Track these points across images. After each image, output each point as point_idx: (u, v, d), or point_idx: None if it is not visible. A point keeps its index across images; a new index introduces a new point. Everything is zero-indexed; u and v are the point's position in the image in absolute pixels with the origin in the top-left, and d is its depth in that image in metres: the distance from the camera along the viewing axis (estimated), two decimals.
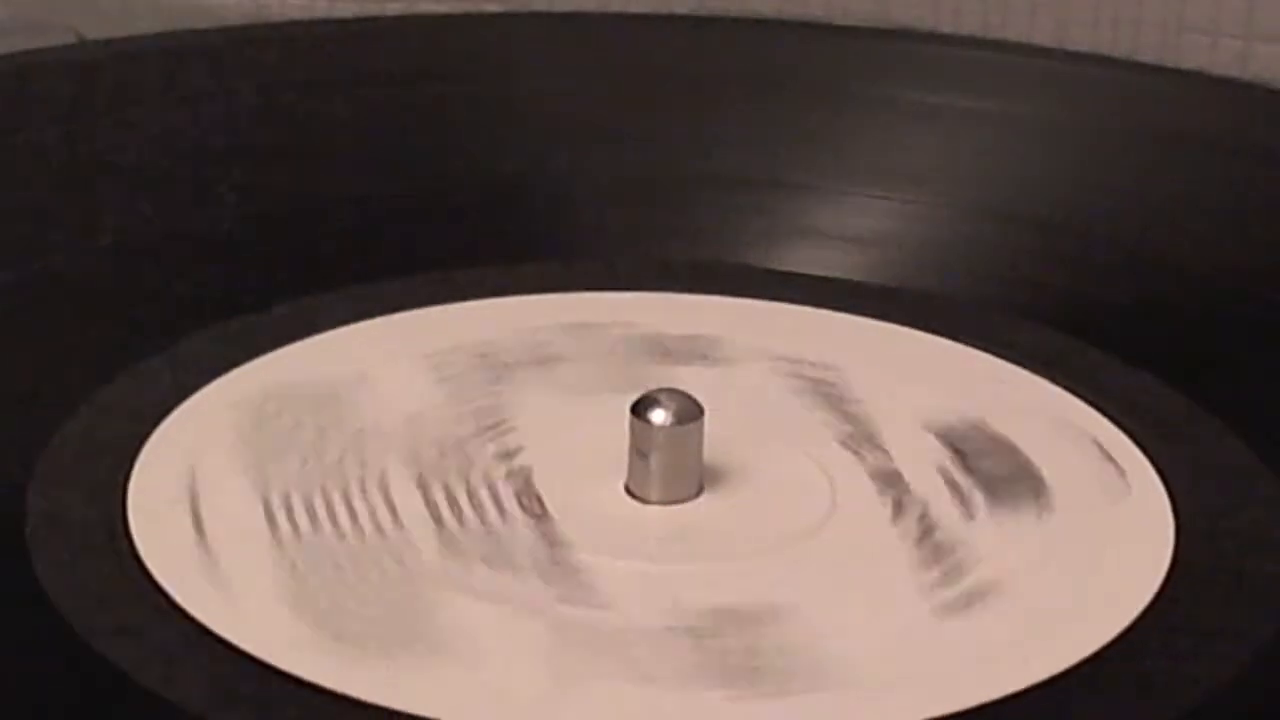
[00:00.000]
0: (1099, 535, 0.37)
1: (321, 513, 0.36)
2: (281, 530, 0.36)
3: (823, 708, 0.32)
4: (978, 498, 0.38)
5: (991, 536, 0.37)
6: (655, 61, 0.55)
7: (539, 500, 0.37)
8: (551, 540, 0.36)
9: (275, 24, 0.61)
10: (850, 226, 0.48)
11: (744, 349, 0.43)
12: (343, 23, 0.61)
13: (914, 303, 0.45)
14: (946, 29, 0.62)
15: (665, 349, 0.43)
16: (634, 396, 0.37)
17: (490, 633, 0.33)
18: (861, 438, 0.40)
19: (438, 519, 0.36)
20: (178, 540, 0.35)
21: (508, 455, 0.38)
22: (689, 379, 0.40)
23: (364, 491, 0.37)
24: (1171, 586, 0.35)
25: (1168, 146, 0.51)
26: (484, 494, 0.37)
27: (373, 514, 0.36)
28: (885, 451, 0.39)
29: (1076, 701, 0.32)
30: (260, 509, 0.36)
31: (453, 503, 0.37)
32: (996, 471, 0.39)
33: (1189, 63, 0.60)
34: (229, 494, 0.37)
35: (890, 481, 0.38)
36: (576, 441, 0.39)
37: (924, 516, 0.37)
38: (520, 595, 0.34)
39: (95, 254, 0.45)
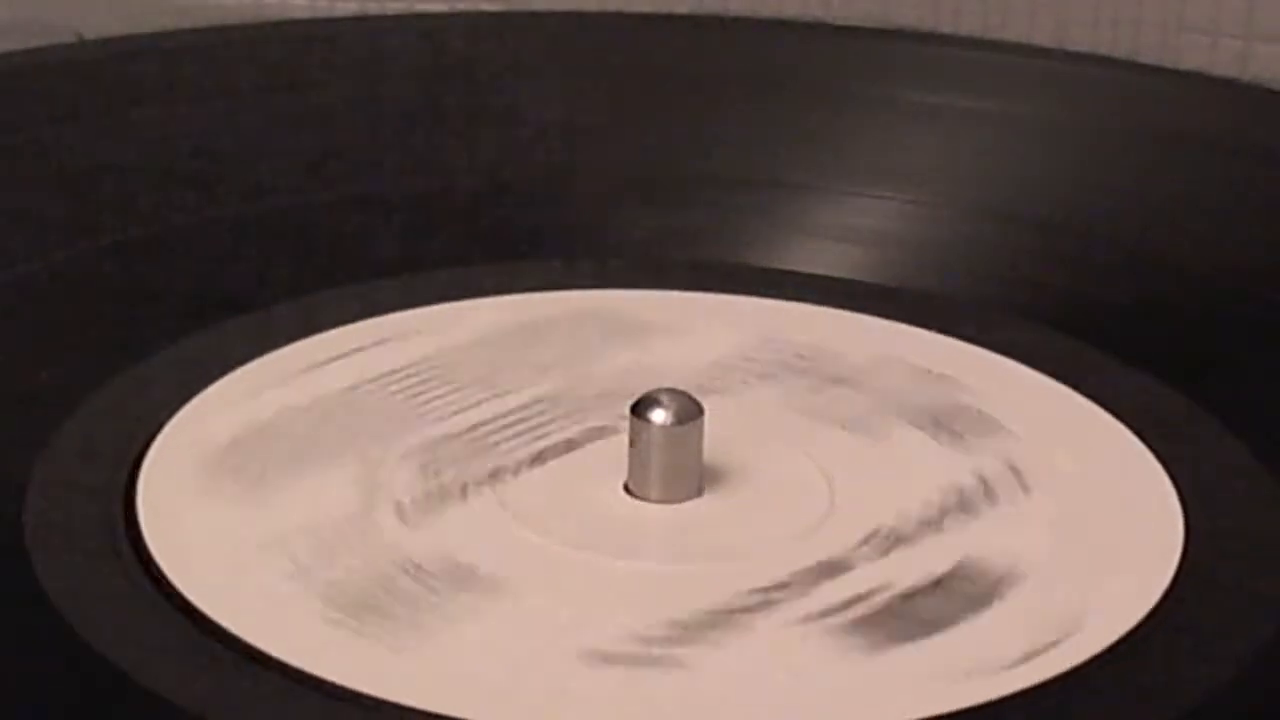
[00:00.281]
0: (1099, 535, 0.37)
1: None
2: (286, 529, 0.36)
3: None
4: (979, 497, 0.38)
5: (993, 537, 0.36)
6: (655, 61, 0.55)
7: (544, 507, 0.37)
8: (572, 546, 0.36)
9: (276, 23, 0.61)
10: (850, 226, 0.48)
11: (743, 348, 0.43)
12: (343, 22, 0.61)
13: (914, 303, 0.45)
14: (946, 29, 0.62)
15: (665, 349, 0.43)
16: (625, 396, 0.37)
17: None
18: (861, 437, 0.40)
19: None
20: (178, 540, 0.35)
21: (505, 460, 0.38)
22: (682, 379, 0.40)
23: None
24: (1171, 587, 0.35)
25: (1168, 146, 0.51)
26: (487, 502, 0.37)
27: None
28: (882, 450, 0.39)
29: (1078, 702, 0.32)
30: (261, 509, 0.36)
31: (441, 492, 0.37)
32: (997, 472, 0.39)
33: (1189, 63, 0.60)
34: (230, 494, 0.37)
35: (888, 476, 0.38)
36: (574, 442, 0.39)
37: (927, 508, 0.37)
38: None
39: (95, 254, 0.45)
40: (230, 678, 0.32)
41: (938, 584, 0.35)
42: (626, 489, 0.37)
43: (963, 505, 0.37)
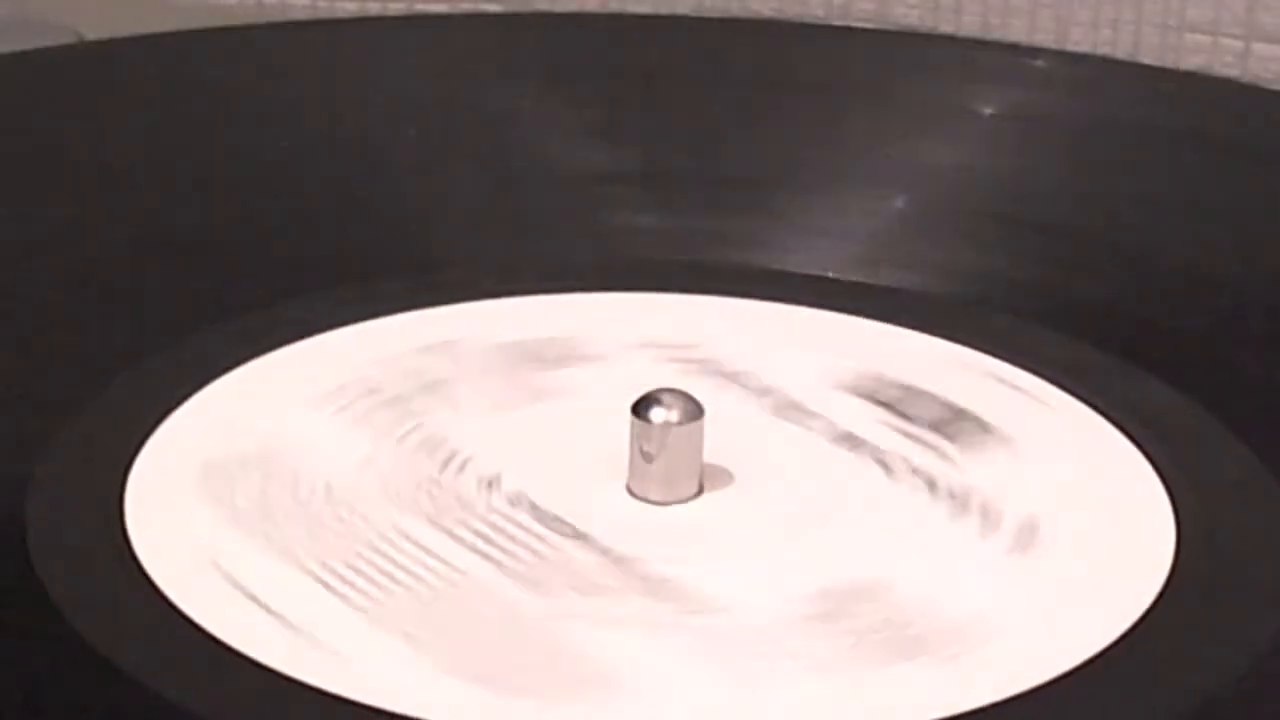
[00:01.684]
0: (1099, 536, 0.37)
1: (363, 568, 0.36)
2: (286, 530, 0.36)
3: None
4: (978, 497, 0.38)
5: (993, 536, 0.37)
6: (655, 61, 0.55)
7: (560, 519, 0.37)
8: (612, 556, 0.35)
9: (276, 23, 0.61)
10: (850, 226, 0.48)
11: (742, 348, 0.43)
12: (343, 22, 0.61)
13: (914, 303, 0.45)
14: (946, 29, 0.62)
15: (664, 347, 0.43)
16: (623, 397, 0.37)
17: (642, 657, 0.33)
18: (861, 437, 0.40)
19: (487, 557, 0.35)
20: (178, 541, 0.35)
21: (504, 464, 0.38)
22: (682, 379, 0.40)
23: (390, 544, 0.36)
24: (1172, 588, 0.35)
25: (1168, 146, 0.51)
26: (506, 525, 0.36)
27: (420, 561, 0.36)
28: (881, 450, 0.39)
29: (1077, 703, 0.32)
30: (259, 508, 0.36)
31: (485, 539, 0.36)
32: (996, 473, 0.39)
33: (1189, 63, 0.60)
34: (230, 493, 0.37)
35: (892, 470, 0.38)
36: (572, 444, 0.39)
37: (926, 508, 0.37)
38: (637, 615, 0.34)
39: (96, 254, 0.45)
40: (230, 678, 0.32)
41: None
42: (627, 489, 0.37)
43: (962, 506, 0.37)
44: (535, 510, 0.37)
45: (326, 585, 0.34)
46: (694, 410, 0.37)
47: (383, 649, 0.32)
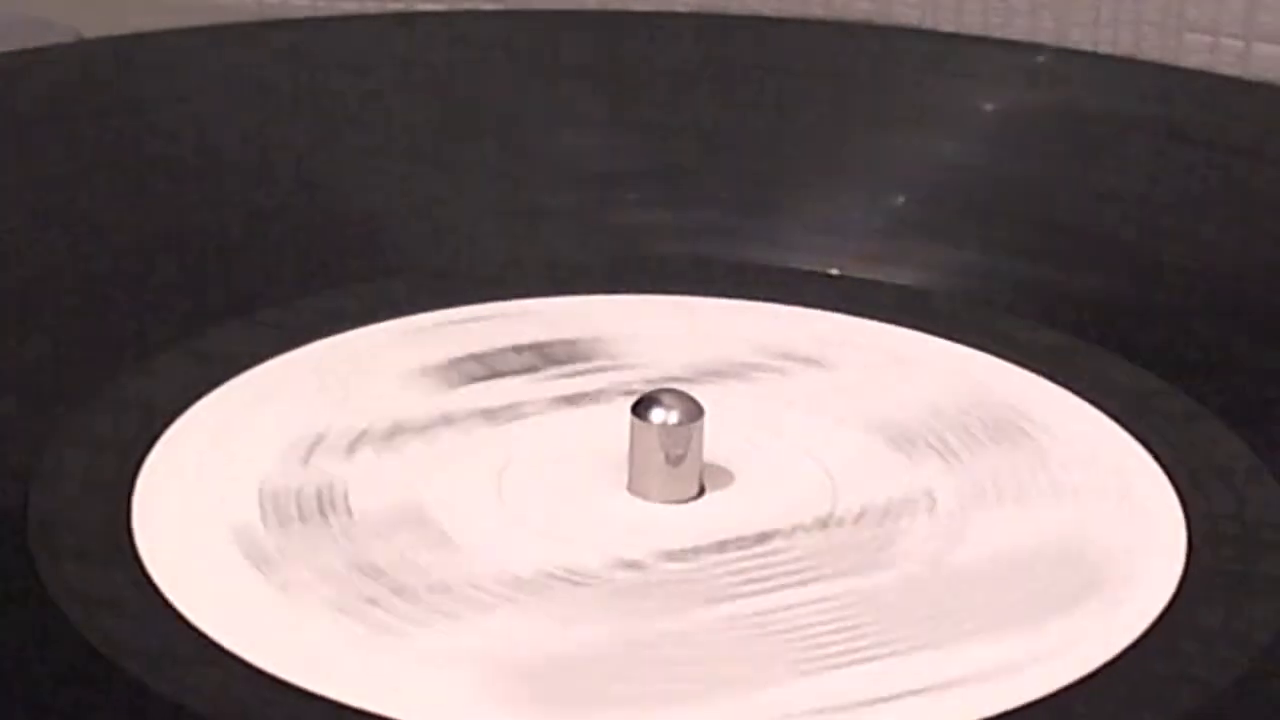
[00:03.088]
0: (1099, 536, 0.37)
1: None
2: (286, 530, 0.36)
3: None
4: (979, 497, 0.38)
5: (992, 537, 0.37)
6: (655, 60, 0.55)
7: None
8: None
9: (276, 23, 0.61)
10: (849, 226, 0.48)
11: (741, 348, 0.43)
12: (343, 22, 0.61)
13: (913, 302, 0.45)
14: (947, 29, 0.62)
15: (662, 347, 0.43)
16: (622, 397, 0.37)
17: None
18: (860, 437, 0.40)
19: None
20: (180, 541, 0.35)
21: (503, 463, 0.38)
22: (682, 379, 0.40)
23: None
24: (1172, 588, 0.35)
25: (1168, 146, 0.51)
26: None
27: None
28: (880, 450, 0.39)
29: (1079, 704, 0.32)
30: (260, 511, 0.36)
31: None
32: (997, 471, 0.39)
33: (1189, 63, 0.60)
34: (230, 494, 0.37)
35: (888, 471, 0.38)
36: (570, 445, 0.39)
37: (928, 499, 0.37)
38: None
39: (97, 253, 0.45)
40: (230, 678, 0.32)
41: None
42: (627, 489, 0.37)
43: (962, 505, 0.37)
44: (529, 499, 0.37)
45: (346, 611, 0.34)
46: (694, 410, 0.37)
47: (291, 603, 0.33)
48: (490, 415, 0.40)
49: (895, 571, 0.35)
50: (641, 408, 0.37)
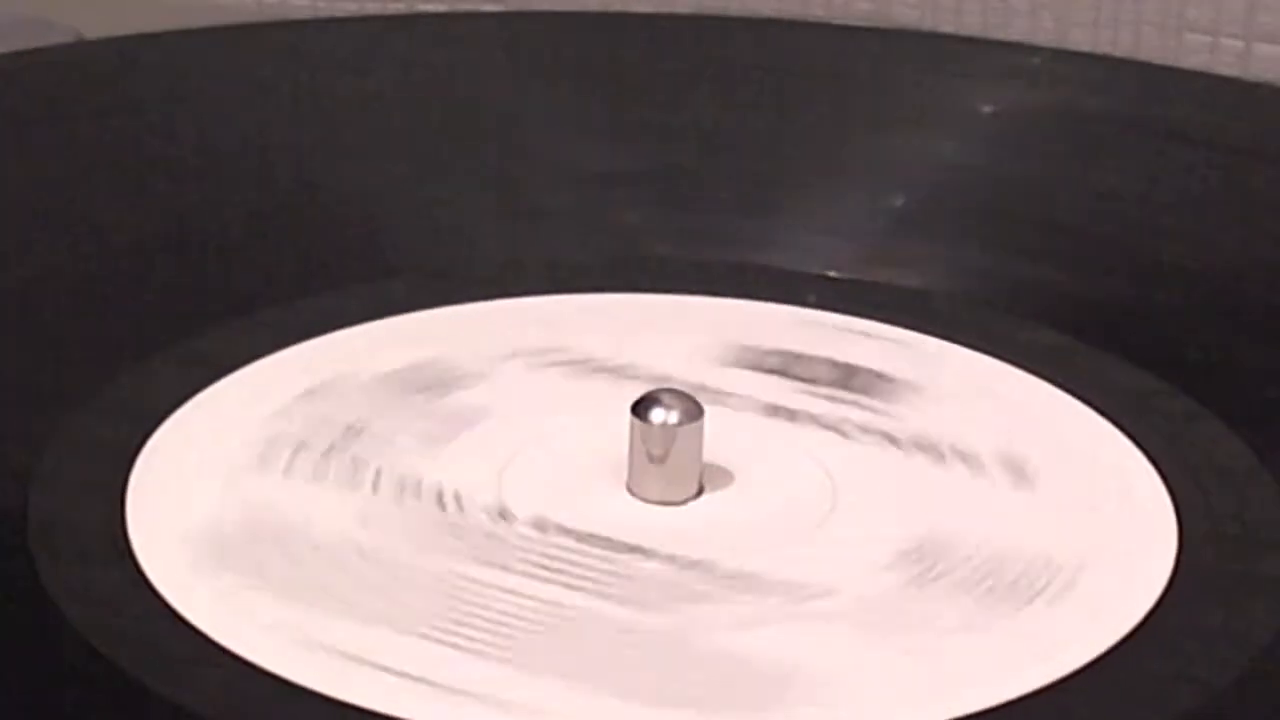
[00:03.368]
0: (1099, 536, 0.37)
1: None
2: (287, 532, 0.36)
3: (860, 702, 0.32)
4: (978, 496, 0.38)
5: (991, 537, 0.37)
6: (655, 61, 0.55)
7: (608, 538, 0.36)
8: (679, 563, 0.35)
9: (276, 23, 0.61)
10: (848, 226, 0.48)
11: (743, 347, 0.43)
12: (343, 22, 0.61)
13: (913, 302, 0.45)
14: (947, 29, 0.62)
15: (663, 346, 0.43)
16: (622, 398, 0.37)
17: (800, 650, 0.33)
18: (860, 436, 0.40)
19: (570, 586, 0.35)
20: (178, 540, 0.35)
21: (502, 461, 0.38)
22: (682, 379, 0.40)
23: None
24: (1172, 587, 0.35)
25: (1168, 146, 0.51)
26: (557, 552, 0.36)
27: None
28: (880, 449, 0.39)
29: (1078, 703, 0.32)
30: (260, 512, 0.36)
31: (548, 569, 0.35)
32: (995, 473, 0.39)
33: (1189, 63, 0.60)
34: (230, 494, 0.37)
35: (885, 472, 0.38)
36: (569, 445, 0.39)
37: (925, 508, 0.37)
38: (759, 612, 0.34)
39: (96, 253, 0.45)
40: (230, 678, 0.32)
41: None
42: (627, 489, 0.37)
43: (961, 505, 0.37)
44: (568, 532, 0.36)
45: (429, 639, 0.33)
46: (694, 410, 0.37)
47: (542, 690, 0.32)
48: (490, 415, 0.40)
49: (894, 569, 0.35)
50: (641, 408, 0.37)
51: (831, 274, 0.46)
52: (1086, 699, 0.32)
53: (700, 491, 0.37)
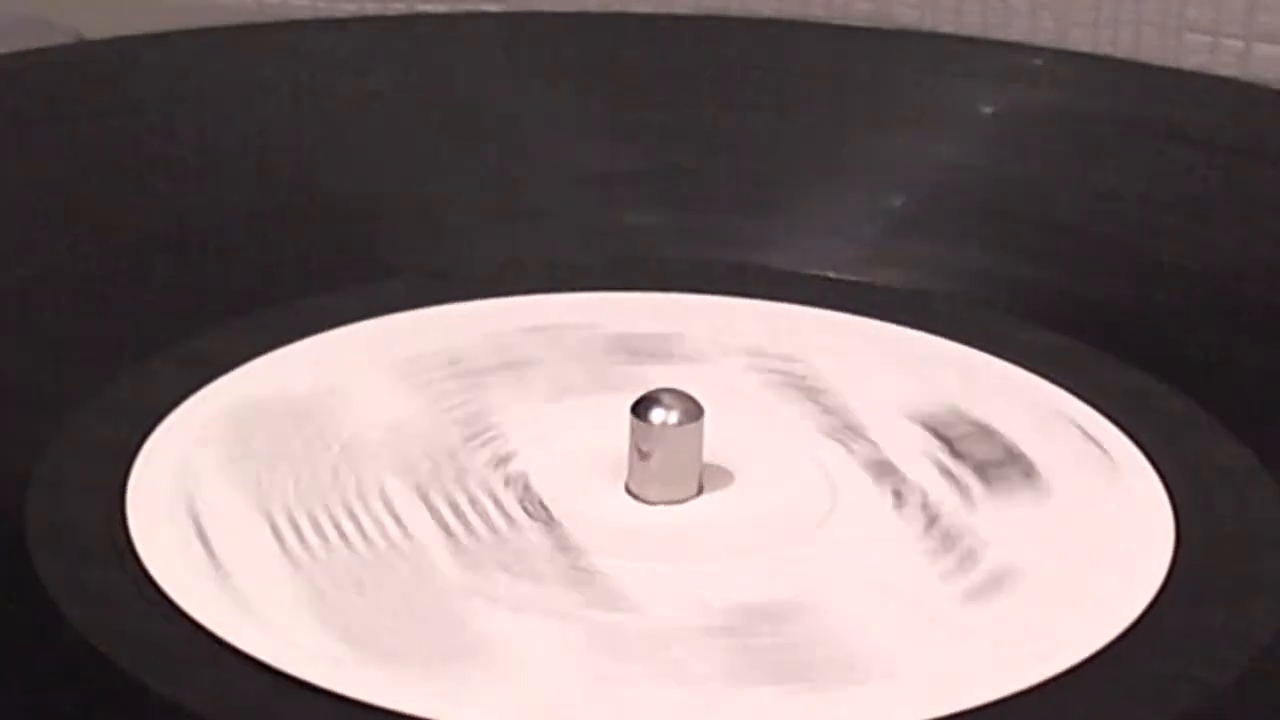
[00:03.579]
0: (1098, 536, 0.37)
1: (326, 523, 0.36)
2: (284, 534, 0.36)
3: (859, 701, 0.32)
4: (976, 494, 0.38)
5: (990, 537, 0.36)
6: (655, 62, 0.55)
7: (543, 505, 0.37)
8: (564, 545, 0.35)
9: (276, 23, 0.61)
10: (848, 226, 0.48)
11: (742, 348, 0.43)
12: (343, 22, 0.61)
13: (912, 303, 0.45)
14: (947, 29, 0.62)
15: (662, 350, 0.43)
16: (622, 397, 0.37)
17: (526, 642, 0.33)
18: (857, 435, 0.40)
19: (446, 529, 0.36)
20: (178, 540, 0.35)
21: (501, 461, 0.38)
22: (679, 379, 0.40)
23: (363, 502, 0.37)
24: (1171, 587, 0.35)
25: (1168, 146, 0.51)
26: (487, 502, 0.37)
27: (377, 523, 0.36)
28: (879, 446, 0.39)
29: (1077, 702, 0.32)
30: (260, 514, 0.36)
31: (457, 512, 0.36)
32: (997, 471, 0.39)
33: (1189, 63, 0.60)
34: (229, 494, 0.37)
35: (885, 473, 0.38)
36: (569, 444, 0.39)
37: (925, 506, 0.37)
38: (547, 602, 0.34)
39: (96, 253, 0.45)
40: (232, 677, 0.32)
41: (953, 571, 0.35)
42: (627, 490, 0.37)
43: (960, 505, 0.37)
44: (526, 493, 0.37)
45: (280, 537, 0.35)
46: (694, 410, 0.37)
47: (291, 604, 0.33)
48: (489, 414, 0.40)
49: (893, 568, 0.35)
50: (641, 408, 0.37)
51: (831, 274, 0.46)
52: (1085, 698, 0.32)
53: (700, 491, 0.37)
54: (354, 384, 0.41)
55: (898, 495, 0.38)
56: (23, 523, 0.35)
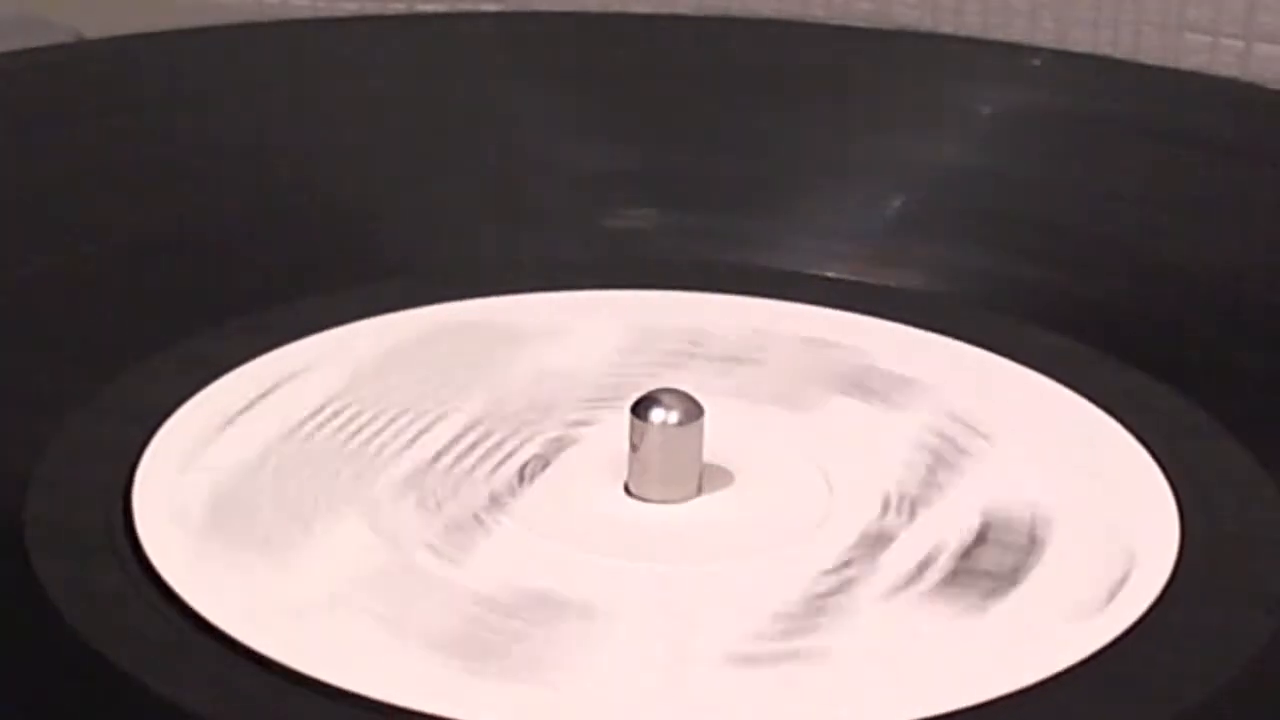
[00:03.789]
0: (1098, 536, 0.37)
1: (326, 522, 0.36)
2: (284, 534, 0.36)
3: (859, 700, 0.32)
4: (977, 496, 0.38)
5: (992, 533, 0.37)
6: (656, 61, 0.55)
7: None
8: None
9: (276, 23, 0.61)
10: (850, 226, 0.48)
11: (743, 347, 0.43)
12: (343, 22, 0.61)
13: (912, 303, 0.45)
14: (946, 29, 0.62)
15: (664, 345, 0.43)
16: (629, 398, 0.37)
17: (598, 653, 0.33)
18: (861, 436, 0.40)
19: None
20: (178, 540, 0.35)
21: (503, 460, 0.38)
22: (682, 379, 0.40)
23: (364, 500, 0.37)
24: (1171, 587, 0.35)
25: (1168, 146, 0.51)
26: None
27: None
28: (881, 449, 0.39)
29: (1077, 701, 0.32)
30: (260, 514, 0.36)
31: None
32: (998, 472, 0.39)
33: (1189, 63, 0.60)
34: (229, 494, 0.37)
35: (885, 473, 0.38)
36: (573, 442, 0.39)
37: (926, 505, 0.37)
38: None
39: (95, 254, 0.45)
40: (232, 678, 0.32)
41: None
42: (626, 489, 0.37)
43: (959, 505, 0.37)
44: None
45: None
46: (694, 410, 0.37)
47: (291, 603, 0.33)
48: (490, 413, 0.40)
49: (893, 568, 0.35)
50: (641, 407, 0.37)
51: (831, 274, 0.46)
52: (1085, 697, 0.32)
53: (700, 491, 0.37)
54: (356, 384, 0.41)
55: (898, 495, 0.38)
56: (22, 523, 0.35)
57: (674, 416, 0.37)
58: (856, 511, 0.37)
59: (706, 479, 0.37)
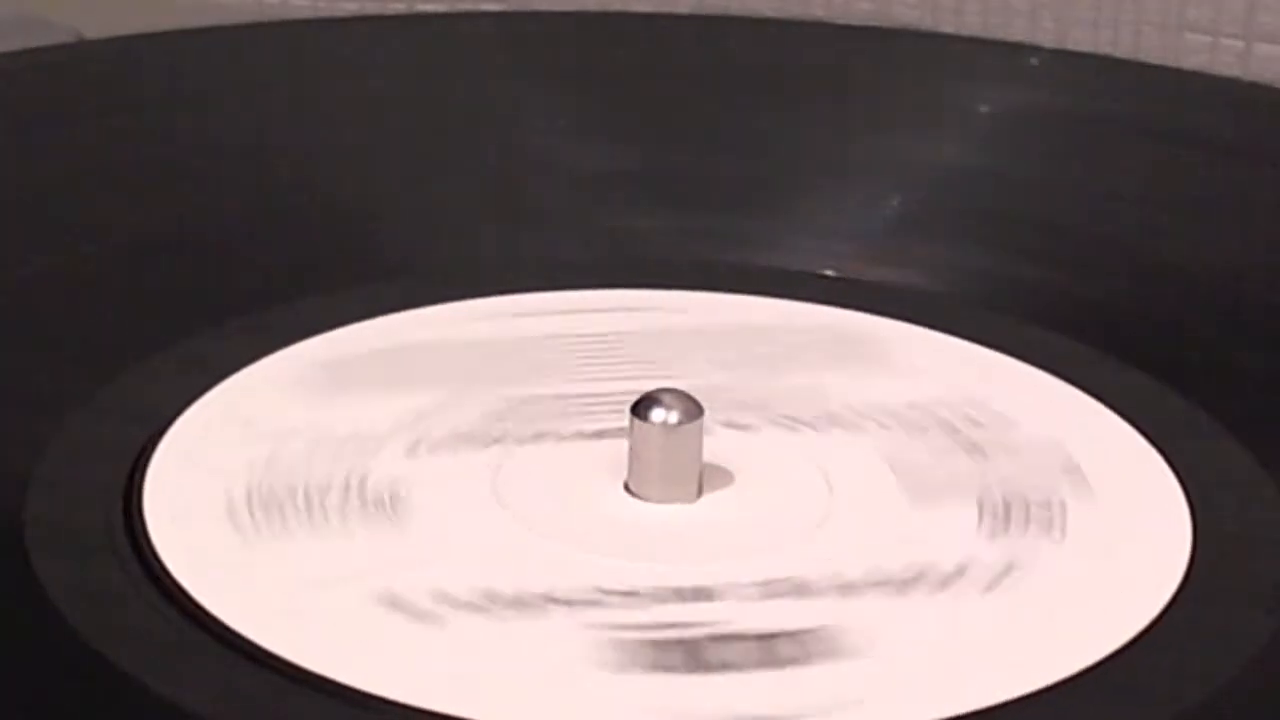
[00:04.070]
0: (1098, 536, 0.37)
1: (325, 523, 0.36)
2: (287, 529, 0.36)
3: (862, 700, 0.32)
4: (977, 496, 0.38)
5: (997, 535, 0.37)
6: (655, 61, 0.55)
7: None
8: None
9: (276, 23, 0.61)
10: (850, 226, 0.48)
11: (743, 346, 0.43)
12: (343, 22, 0.61)
13: (913, 302, 0.45)
14: (946, 29, 0.62)
15: (663, 345, 0.43)
16: (629, 398, 0.37)
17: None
18: (861, 436, 0.40)
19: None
20: (178, 540, 0.35)
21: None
22: (683, 379, 0.40)
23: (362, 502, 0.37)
24: (1173, 587, 0.35)
25: (1168, 146, 0.51)
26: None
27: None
28: (882, 449, 0.39)
29: (1080, 703, 0.32)
30: (260, 515, 0.36)
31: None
32: (1001, 471, 0.39)
33: (1189, 63, 0.60)
34: (228, 494, 0.37)
35: (885, 473, 0.38)
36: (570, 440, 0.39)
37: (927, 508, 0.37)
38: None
39: (96, 254, 0.45)
40: (231, 677, 0.32)
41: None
42: (626, 489, 0.37)
43: (959, 504, 0.37)
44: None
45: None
46: (694, 410, 0.37)
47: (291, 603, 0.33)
48: (489, 412, 0.40)
49: (894, 568, 0.35)
50: (641, 407, 0.37)
51: (831, 274, 0.46)
52: (1087, 698, 0.32)
53: (700, 491, 0.37)
54: (353, 387, 0.41)
55: (899, 495, 0.38)
56: (22, 523, 0.35)
57: (674, 416, 0.37)
58: (857, 511, 0.37)
59: (706, 479, 0.37)
